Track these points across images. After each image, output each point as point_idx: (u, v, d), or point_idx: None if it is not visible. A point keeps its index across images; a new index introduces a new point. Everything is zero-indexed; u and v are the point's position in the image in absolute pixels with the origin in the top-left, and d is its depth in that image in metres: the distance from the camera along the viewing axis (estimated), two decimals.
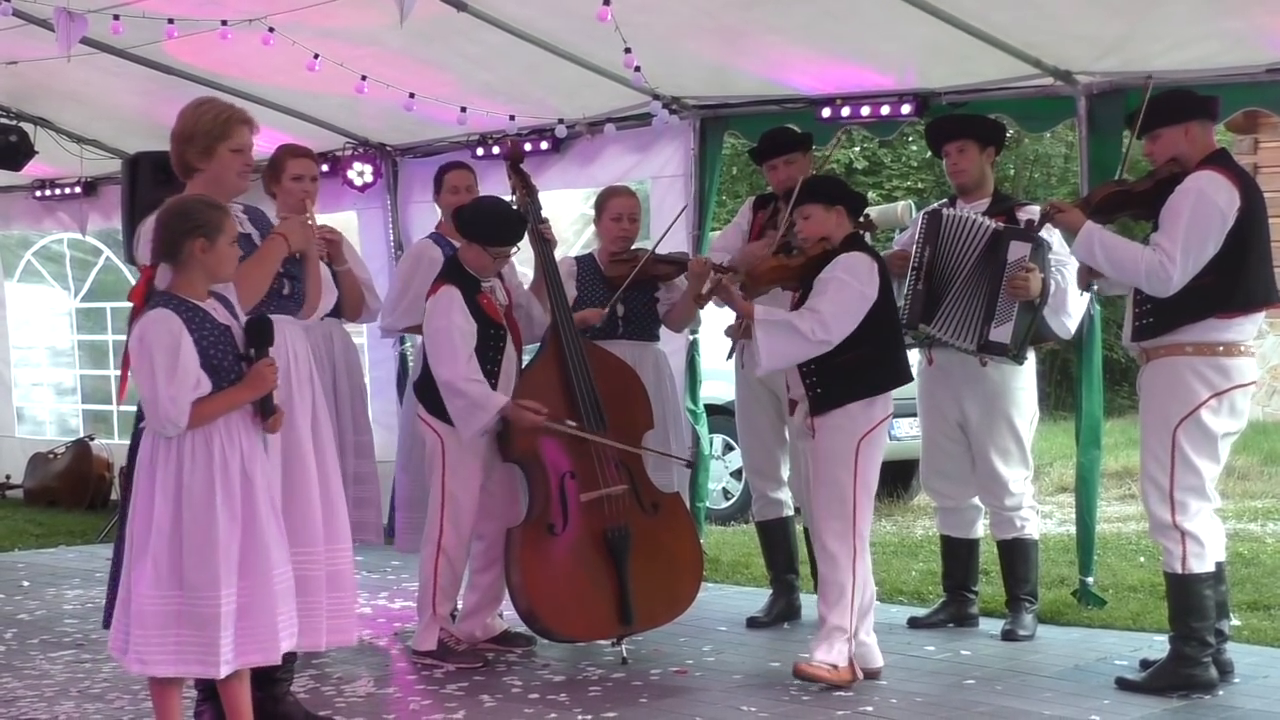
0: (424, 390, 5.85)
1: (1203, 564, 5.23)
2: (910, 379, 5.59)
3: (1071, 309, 6.04)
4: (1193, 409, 5.18)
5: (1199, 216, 5.10)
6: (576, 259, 6.55)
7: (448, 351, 5.65)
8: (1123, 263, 5.21)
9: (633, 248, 6.42)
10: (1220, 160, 5.28)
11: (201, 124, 4.65)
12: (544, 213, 6.16)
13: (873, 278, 5.43)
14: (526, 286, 6.17)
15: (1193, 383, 5.18)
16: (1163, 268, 5.10)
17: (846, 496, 5.40)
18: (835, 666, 5.35)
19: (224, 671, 4.23)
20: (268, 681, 4.78)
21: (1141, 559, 7.90)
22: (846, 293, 5.36)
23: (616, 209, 6.40)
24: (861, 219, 5.83)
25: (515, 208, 6.02)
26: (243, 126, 4.66)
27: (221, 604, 4.19)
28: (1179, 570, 5.23)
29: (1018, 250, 5.80)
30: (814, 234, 5.54)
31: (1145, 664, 5.47)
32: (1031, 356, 6.25)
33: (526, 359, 6.04)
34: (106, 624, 4.76)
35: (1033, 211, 6.10)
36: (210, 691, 4.64)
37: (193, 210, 4.31)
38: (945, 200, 6.43)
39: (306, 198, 5.63)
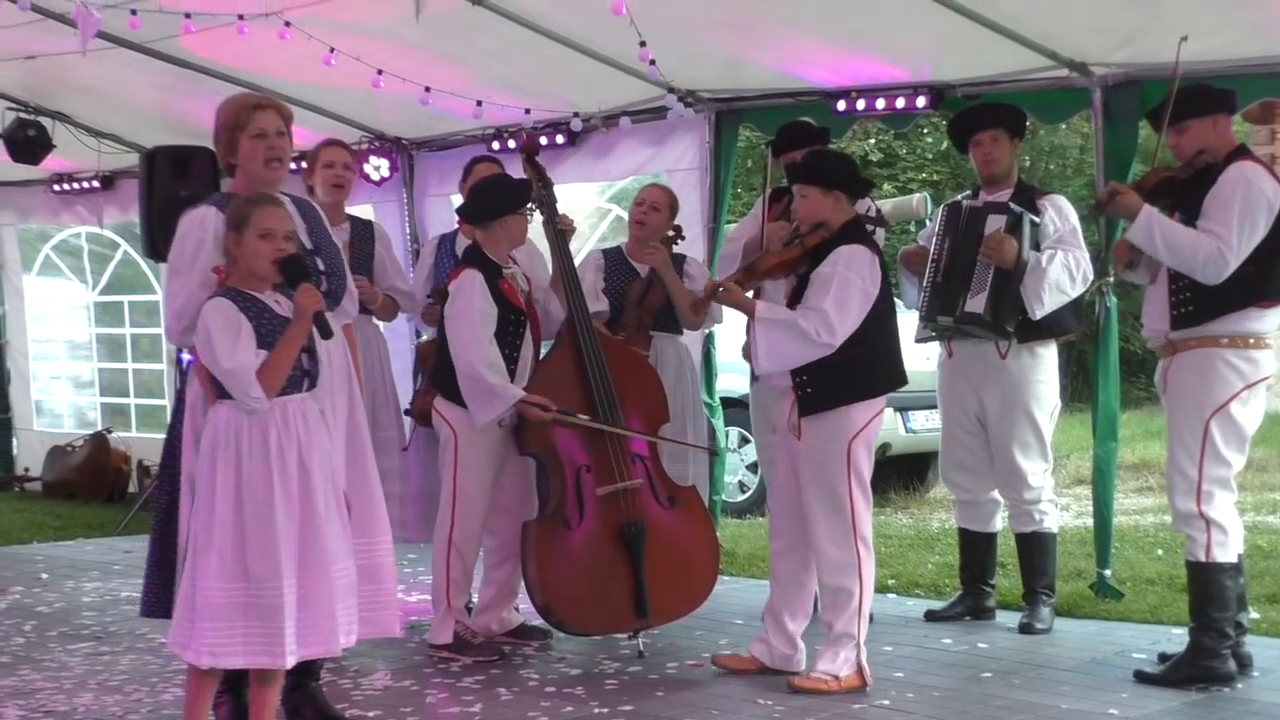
0: (441, 379, 5.85)
1: (1226, 553, 5.23)
2: (905, 382, 5.41)
3: (1045, 296, 5.94)
4: (1227, 400, 5.19)
5: (1250, 204, 5.14)
6: (604, 252, 6.58)
7: (468, 336, 5.63)
8: (1180, 248, 5.21)
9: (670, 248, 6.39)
10: (1250, 153, 5.35)
11: (223, 119, 4.68)
12: (559, 206, 6.17)
13: (875, 272, 5.21)
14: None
15: (1227, 374, 5.20)
16: (1220, 254, 5.12)
17: (843, 501, 5.22)
18: (836, 677, 5.22)
19: (290, 661, 4.27)
20: (303, 673, 4.80)
21: (1159, 552, 7.88)
22: (850, 290, 5.15)
23: (641, 196, 6.47)
24: (873, 215, 5.78)
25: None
26: (257, 111, 4.64)
27: (285, 594, 4.22)
28: (1203, 559, 5.23)
29: (994, 223, 5.88)
30: (809, 216, 5.33)
31: (1163, 658, 5.46)
32: (1052, 348, 6.24)
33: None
34: (144, 612, 4.82)
35: (1056, 200, 6.12)
36: (230, 684, 4.66)
37: (232, 208, 4.43)
38: (968, 192, 6.43)
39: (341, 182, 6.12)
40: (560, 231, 6.06)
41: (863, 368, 5.23)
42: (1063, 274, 5.96)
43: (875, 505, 5.43)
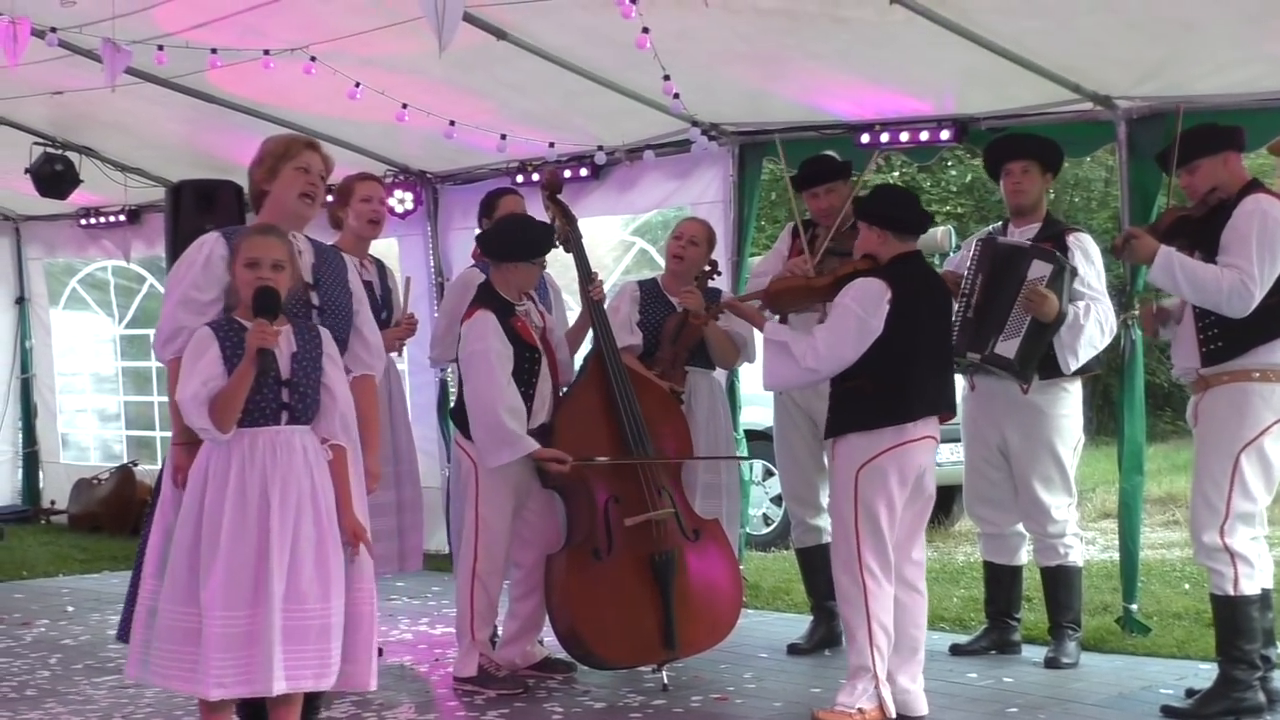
0: (460, 415, 5.87)
1: (1252, 585, 5.21)
2: (917, 417, 5.25)
3: (1081, 351, 5.93)
4: (1258, 434, 5.18)
5: (1267, 234, 5.14)
6: (639, 283, 6.59)
7: (485, 378, 5.64)
8: (1204, 283, 5.20)
9: (708, 284, 6.43)
10: (1263, 186, 5.33)
11: (271, 148, 4.74)
12: (583, 239, 6.20)
13: (880, 307, 5.16)
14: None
15: (1260, 408, 5.19)
16: (1244, 286, 5.12)
17: (850, 529, 5.22)
18: (860, 710, 5.15)
19: (213, 694, 4.21)
20: (306, 708, 4.77)
21: (1186, 586, 7.83)
22: (847, 321, 5.18)
23: (679, 230, 6.49)
24: None
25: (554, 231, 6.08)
26: (307, 149, 4.72)
27: (215, 623, 4.18)
28: (1230, 592, 5.20)
29: (1039, 269, 5.83)
30: (859, 249, 5.44)
31: (1190, 693, 5.41)
32: (1077, 382, 6.21)
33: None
34: (120, 637, 4.79)
35: (1083, 241, 6.08)
36: (251, 717, 4.65)
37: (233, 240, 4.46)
38: (999, 225, 6.42)
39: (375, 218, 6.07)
40: (595, 300, 6.05)
41: (863, 398, 5.23)
42: (1096, 330, 5.96)
43: None
